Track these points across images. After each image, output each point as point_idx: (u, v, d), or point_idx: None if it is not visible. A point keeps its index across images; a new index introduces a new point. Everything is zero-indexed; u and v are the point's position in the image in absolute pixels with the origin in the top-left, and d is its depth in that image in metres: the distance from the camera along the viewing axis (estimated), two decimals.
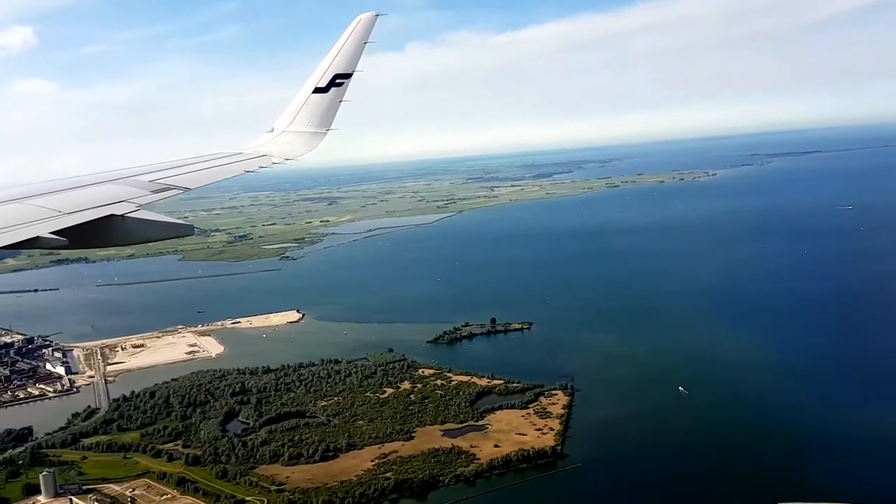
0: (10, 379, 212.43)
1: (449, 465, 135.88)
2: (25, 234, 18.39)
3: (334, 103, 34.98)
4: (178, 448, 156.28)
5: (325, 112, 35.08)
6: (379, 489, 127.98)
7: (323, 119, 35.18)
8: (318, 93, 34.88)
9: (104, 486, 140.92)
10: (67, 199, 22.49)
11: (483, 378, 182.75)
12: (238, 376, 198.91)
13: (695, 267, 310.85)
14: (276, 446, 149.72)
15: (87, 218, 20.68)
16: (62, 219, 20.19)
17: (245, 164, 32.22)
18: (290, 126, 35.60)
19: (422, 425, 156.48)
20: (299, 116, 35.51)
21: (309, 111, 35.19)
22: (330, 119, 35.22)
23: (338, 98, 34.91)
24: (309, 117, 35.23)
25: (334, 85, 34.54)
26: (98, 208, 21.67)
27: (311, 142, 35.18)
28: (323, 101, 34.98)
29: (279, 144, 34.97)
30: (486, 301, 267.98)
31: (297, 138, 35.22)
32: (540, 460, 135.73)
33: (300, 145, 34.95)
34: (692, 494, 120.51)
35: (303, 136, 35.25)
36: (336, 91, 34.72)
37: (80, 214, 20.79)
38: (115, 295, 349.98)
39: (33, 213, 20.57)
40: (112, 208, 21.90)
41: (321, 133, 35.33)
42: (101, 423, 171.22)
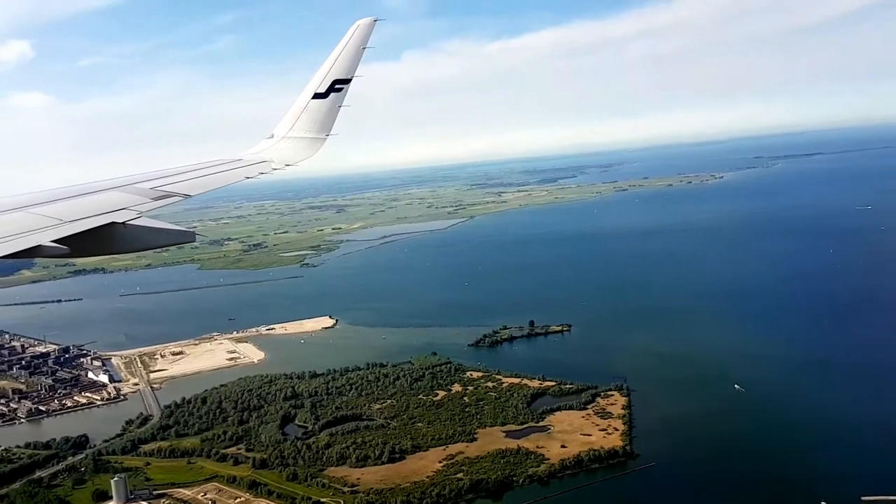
0: (55, 388, 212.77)
1: (519, 465, 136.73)
2: (27, 242, 18.26)
3: (334, 108, 35.00)
4: (242, 452, 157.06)
5: (324, 117, 35.11)
6: (454, 490, 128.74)
7: (323, 124, 35.21)
8: (318, 98, 34.89)
9: (174, 490, 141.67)
10: (68, 208, 22.48)
11: (534, 380, 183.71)
12: (286, 381, 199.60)
13: (725, 267, 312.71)
14: (341, 449, 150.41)
15: (88, 226, 20.61)
16: (64, 227, 20.14)
17: (245, 170, 32.16)
18: (290, 132, 35.63)
19: (482, 427, 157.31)
20: (299, 122, 35.54)
21: (309, 117, 35.22)
22: (330, 124, 35.26)
23: (337, 103, 34.94)
24: (309, 123, 35.26)
25: (333, 90, 34.63)
26: (99, 216, 21.58)
27: (311, 147, 35.19)
28: (322, 107, 34.98)
29: (279, 150, 34.95)
30: (519, 304, 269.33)
31: (297, 144, 35.24)
32: (611, 460, 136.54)
33: (300, 151, 34.95)
34: (772, 494, 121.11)
35: (303, 141, 35.28)
36: (335, 96, 34.79)
37: (82, 222, 20.74)
38: (141, 304, 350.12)
39: (35, 222, 20.47)
40: (113, 216, 21.81)
41: (321, 138, 35.35)
42: (158, 430, 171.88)
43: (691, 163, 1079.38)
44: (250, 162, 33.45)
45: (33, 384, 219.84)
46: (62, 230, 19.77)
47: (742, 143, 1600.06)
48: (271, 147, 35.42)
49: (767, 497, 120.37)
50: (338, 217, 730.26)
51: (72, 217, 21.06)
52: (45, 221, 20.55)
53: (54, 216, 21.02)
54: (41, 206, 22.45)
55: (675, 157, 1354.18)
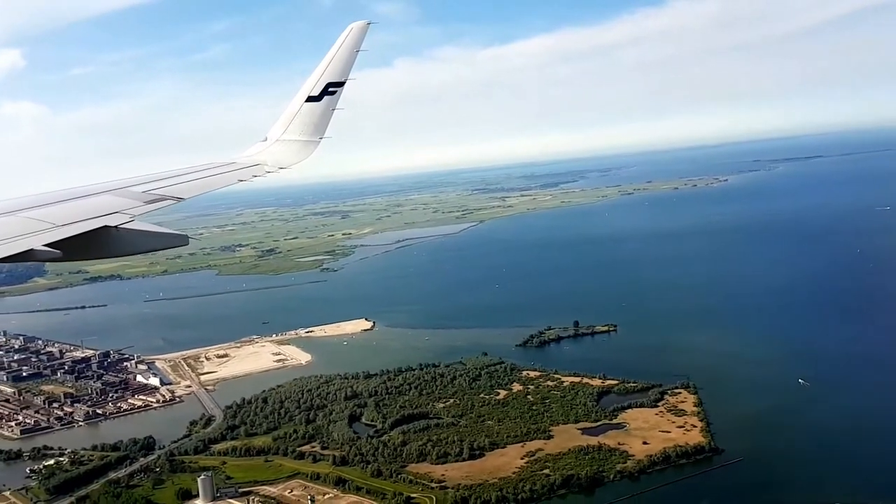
0: (105, 391, 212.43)
1: (605, 462, 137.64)
2: (19, 246, 18.02)
3: (327, 112, 34.86)
4: (317, 450, 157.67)
5: (318, 120, 34.92)
6: (546, 485, 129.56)
7: (316, 127, 34.99)
8: (311, 101, 34.72)
9: (258, 488, 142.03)
10: (61, 211, 22.18)
11: (595, 378, 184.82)
12: (343, 382, 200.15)
13: (757, 267, 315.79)
14: (418, 446, 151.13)
15: (81, 230, 20.36)
16: (56, 231, 19.83)
17: (238, 173, 31.93)
18: (284, 135, 35.44)
19: (555, 424, 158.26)
20: (292, 125, 35.30)
21: (302, 120, 34.99)
22: (323, 127, 35.07)
23: (331, 106, 34.79)
24: (302, 126, 35.03)
25: (327, 93, 34.47)
26: (92, 220, 21.35)
27: (304, 150, 34.95)
28: (316, 110, 34.80)
29: (272, 153, 34.76)
30: (555, 306, 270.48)
31: (291, 147, 35.02)
32: (697, 456, 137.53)
33: (293, 154, 34.71)
34: (864, 481, 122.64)
35: (296, 144, 35.06)
36: (329, 99, 34.64)
37: (74, 226, 20.46)
38: (167, 309, 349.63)
39: (27, 226, 20.16)
40: (106, 220, 21.58)
41: (314, 141, 35.14)
42: (226, 429, 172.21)
43: (690, 167, 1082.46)
44: (243, 165, 33.38)
45: (82, 388, 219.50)
46: (55, 234, 19.52)
47: (736, 148, 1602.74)
48: (265, 150, 35.28)
49: (859, 485, 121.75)
50: (344, 223, 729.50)
51: (64, 221, 20.77)
52: (37, 225, 20.27)
53: (47, 220, 20.73)
54: (33, 209, 22.15)
55: (672, 161, 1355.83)
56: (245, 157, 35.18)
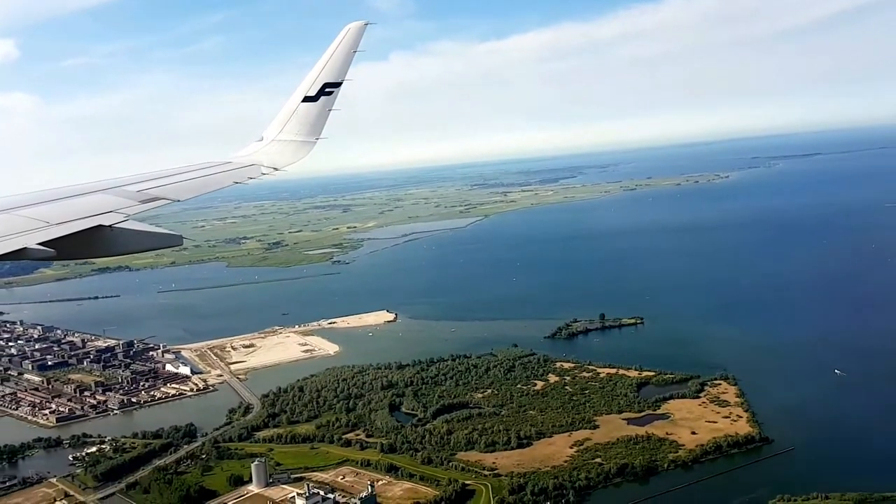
0: (136, 380, 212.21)
1: (656, 451, 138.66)
2: (13, 245, 17.90)
3: (324, 112, 34.55)
4: (362, 437, 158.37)
5: (314, 121, 34.61)
6: (601, 473, 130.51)
7: (313, 128, 34.70)
8: (308, 101, 34.43)
9: (309, 474, 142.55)
10: (55, 210, 22.06)
11: (631, 370, 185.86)
12: (377, 372, 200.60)
13: (775, 262, 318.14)
14: (465, 434, 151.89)
15: (75, 229, 20.27)
16: (50, 230, 19.73)
17: (234, 174, 31.58)
18: (280, 135, 35.06)
19: (598, 414, 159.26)
20: (289, 125, 34.97)
21: (298, 120, 34.68)
22: (320, 128, 34.74)
23: (327, 107, 34.50)
24: (298, 126, 34.71)
25: (324, 94, 34.16)
26: (86, 219, 21.22)
27: (300, 150, 34.57)
28: (312, 110, 34.51)
29: (268, 153, 34.35)
30: (576, 299, 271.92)
31: (287, 147, 34.64)
32: (748, 446, 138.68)
33: (290, 154, 34.29)
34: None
35: (292, 144, 34.68)
36: (326, 100, 34.35)
37: (69, 225, 20.37)
38: (183, 300, 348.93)
39: (20, 224, 20.05)
40: (100, 219, 21.44)
41: (311, 142, 34.80)
42: (267, 417, 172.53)
43: (688, 163, 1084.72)
44: (239, 165, 33.04)
45: (111, 377, 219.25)
46: (48, 233, 19.40)
47: (733, 145, 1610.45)
48: (260, 150, 34.92)
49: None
50: (345, 216, 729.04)
51: (58, 220, 20.68)
52: (30, 224, 20.18)
53: (40, 218, 20.65)
54: (27, 207, 22.03)
55: (669, 157, 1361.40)
56: (240, 156, 34.77)
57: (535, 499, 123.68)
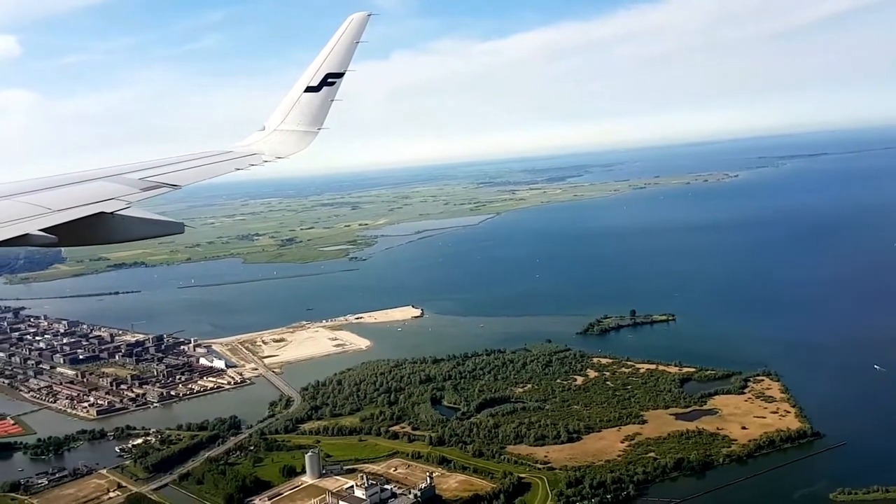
0: (172, 373, 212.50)
1: (709, 446, 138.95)
2: (15, 231, 17.88)
3: (326, 102, 34.64)
4: (408, 430, 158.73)
5: (316, 111, 34.72)
6: (658, 467, 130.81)
7: (315, 118, 34.83)
8: (310, 91, 34.52)
9: (361, 465, 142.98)
10: (57, 197, 22.07)
11: (670, 366, 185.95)
12: (412, 366, 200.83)
13: (799, 259, 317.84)
14: (512, 428, 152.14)
15: (77, 215, 20.23)
16: (52, 216, 19.69)
17: (235, 161, 31.67)
18: (282, 125, 35.19)
19: (645, 410, 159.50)
20: (291, 115, 35.09)
21: (301, 110, 34.83)
22: (322, 118, 34.85)
23: (329, 97, 34.58)
24: (301, 116, 34.87)
25: (326, 84, 34.24)
26: (88, 206, 21.21)
27: (302, 140, 34.72)
28: (315, 100, 34.62)
29: (270, 143, 34.55)
30: (603, 295, 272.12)
31: (289, 137, 34.81)
32: (800, 440, 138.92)
33: (291, 144, 34.50)
34: None
35: (294, 134, 34.85)
36: (328, 90, 34.42)
37: (71, 212, 20.34)
38: (204, 295, 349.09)
39: (23, 211, 20.05)
40: (102, 206, 21.43)
41: (312, 132, 34.94)
42: (310, 410, 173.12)
43: (694, 163, 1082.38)
44: (240, 154, 33.16)
45: (146, 370, 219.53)
46: (51, 219, 19.37)
47: (737, 145, 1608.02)
48: (262, 140, 35.11)
49: None
50: (356, 213, 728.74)
51: (61, 206, 20.66)
52: (33, 210, 20.17)
53: (43, 205, 20.64)
54: (29, 194, 22.04)
55: (675, 157, 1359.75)
56: (242, 146, 34.86)
57: (593, 492, 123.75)
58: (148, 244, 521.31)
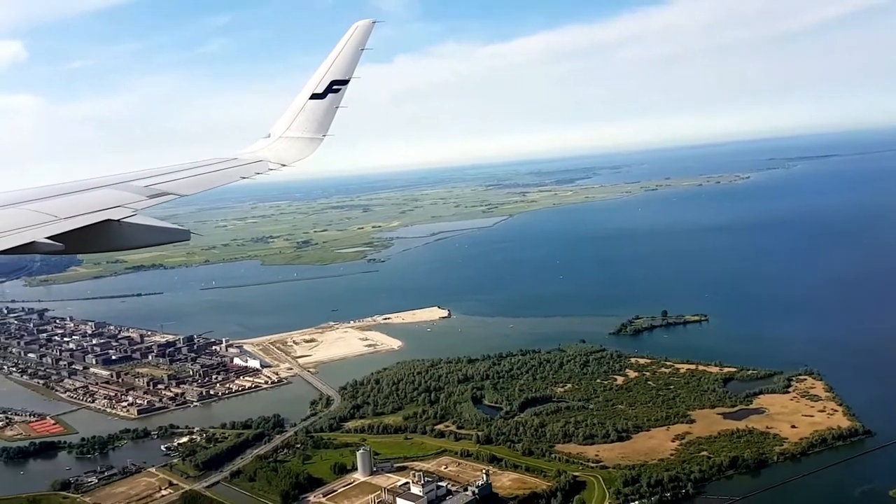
0: (208, 373, 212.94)
1: (761, 444, 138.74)
2: (22, 238, 17.89)
3: (331, 109, 34.77)
4: (453, 429, 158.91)
5: (321, 118, 34.82)
6: (713, 465, 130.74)
7: (320, 125, 34.89)
8: (315, 98, 34.59)
9: (410, 463, 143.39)
10: (63, 204, 22.03)
11: (710, 366, 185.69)
12: (449, 365, 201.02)
13: (823, 260, 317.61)
14: (560, 427, 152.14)
15: (83, 223, 20.22)
16: (58, 224, 19.66)
17: (241, 169, 31.67)
18: (287, 132, 35.26)
19: (691, 409, 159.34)
20: (296, 122, 35.16)
21: (306, 117, 34.89)
22: (327, 125, 34.95)
23: (335, 104, 34.71)
24: (306, 123, 34.94)
25: (331, 91, 34.35)
26: (94, 213, 21.22)
27: (307, 147, 34.79)
28: (320, 107, 34.68)
29: (275, 150, 34.52)
30: (630, 296, 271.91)
31: (294, 144, 34.86)
32: (852, 438, 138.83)
33: (297, 151, 34.54)
34: None
35: (300, 141, 34.92)
36: (333, 97, 34.55)
37: (77, 219, 20.31)
38: (227, 297, 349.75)
39: (29, 219, 19.99)
40: (109, 213, 21.45)
41: (318, 139, 35.02)
42: (352, 409, 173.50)
43: (702, 164, 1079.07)
44: (246, 161, 33.20)
45: (181, 370, 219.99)
46: (57, 227, 19.34)
47: (745, 146, 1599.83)
48: (267, 147, 35.10)
49: None
50: (367, 216, 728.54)
51: (67, 214, 20.62)
52: (39, 218, 20.09)
53: (49, 212, 20.58)
54: (35, 202, 22.00)
55: (683, 159, 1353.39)
56: (248, 153, 34.91)
57: (651, 490, 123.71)
58: (164, 247, 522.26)
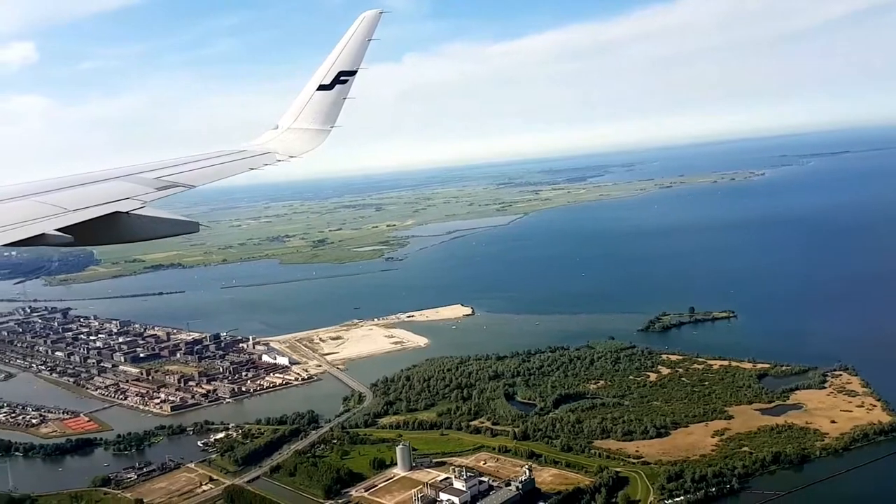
0: (238, 370, 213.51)
1: (802, 439, 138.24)
2: (32, 230, 18.00)
3: (339, 100, 34.61)
4: (488, 425, 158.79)
5: (329, 109, 34.67)
6: (756, 461, 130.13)
7: (327, 116, 34.75)
8: (323, 90, 34.44)
9: (449, 458, 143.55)
10: (72, 196, 22.14)
11: (743, 362, 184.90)
12: (478, 363, 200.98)
13: (849, 255, 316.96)
14: (597, 423, 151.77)
15: (92, 215, 20.30)
16: (68, 216, 19.78)
17: (249, 161, 31.50)
18: (295, 123, 35.19)
19: (728, 405, 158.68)
20: (304, 113, 35.03)
21: (313, 108, 34.75)
22: (334, 116, 34.82)
23: (342, 95, 34.55)
24: (313, 114, 34.80)
25: (339, 82, 34.22)
26: (104, 205, 21.27)
27: (315, 139, 34.66)
28: (327, 99, 34.56)
29: (283, 142, 34.40)
30: (655, 293, 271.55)
31: (302, 135, 34.72)
32: (894, 433, 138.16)
33: (304, 142, 34.39)
34: None
35: (307, 133, 34.79)
36: (340, 88, 34.40)
37: (86, 211, 20.39)
38: (248, 295, 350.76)
39: (39, 210, 20.14)
40: (118, 205, 21.54)
41: (325, 130, 34.87)
42: (385, 405, 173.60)
43: (714, 162, 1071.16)
44: (254, 153, 33.02)
45: (211, 367, 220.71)
46: (66, 219, 19.46)
47: (755, 144, 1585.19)
48: (275, 138, 35.03)
49: None
50: (380, 215, 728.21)
51: (76, 206, 20.73)
52: (49, 210, 20.24)
53: (59, 205, 20.71)
54: (45, 194, 22.14)
55: (693, 156, 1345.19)
56: (255, 144, 34.85)
57: (695, 486, 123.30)
58: (181, 246, 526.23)
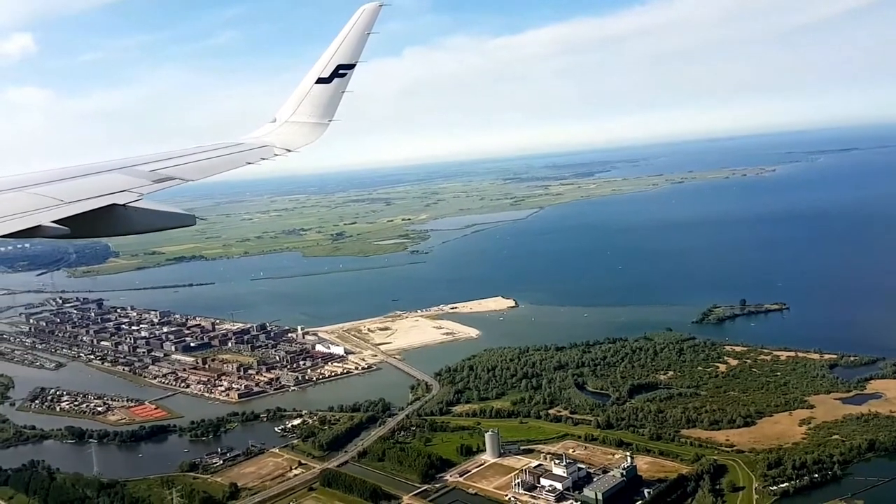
0: (294, 360, 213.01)
1: (890, 428, 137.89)
2: (27, 222, 17.93)
3: (337, 94, 34.37)
4: (566, 413, 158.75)
5: (328, 102, 34.45)
6: (853, 448, 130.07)
7: (326, 110, 34.55)
8: (321, 83, 34.22)
9: (536, 446, 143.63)
10: (68, 188, 22.01)
11: (809, 353, 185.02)
12: (538, 353, 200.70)
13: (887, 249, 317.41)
14: (680, 412, 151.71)
15: (88, 207, 20.15)
16: (64, 208, 19.63)
17: (246, 154, 31.30)
18: (293, 116, 34.96)
19: (806, 395, 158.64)
20: (302, 107, 34.82)
21: (312, 101, 34.54)
22: (333, 110, 34.59)
23: (341, 89, 34.29)
24: (312, 108, 34.60)
25: (337, 75, 33.98)
26: (100, 197, 21.12)
27: (313, 132, 34.46)
28: (326, 92, 34.30)
29: (281, 135, 34.22)
30: (700, 285, 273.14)
31: (300, 129, 34.50)
32: None
33: (303, 136, 34.19)
34: None
35: (305, 126, 34.56)
36: (339, 82, 34.15)
37: (82, 203, 20.22)
38: (279, 287, 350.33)
39: (34, 202, 20.01)
40: (114, 198, 21.34)
41: (324, 124, 34.69)
42: (455, 393, 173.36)
43: (721, 157, 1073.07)
44: (252, 146, 32.80)
45: (266, 356, 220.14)
46: (62, 211, 19.32)
47: (761, 140, 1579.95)
48: (273, 131, 34.80)
49: None
50: (391, 209, 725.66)
51: (73, 198, 20.57)
52: (44, 202, 20.09)
53: (55, 196, 20.56)
54: (40, 186, 21.97)
55: (699, 152, 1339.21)
56: (253, 138, 34.55)
57: (796, 472, 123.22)
58: (200, 239, 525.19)
